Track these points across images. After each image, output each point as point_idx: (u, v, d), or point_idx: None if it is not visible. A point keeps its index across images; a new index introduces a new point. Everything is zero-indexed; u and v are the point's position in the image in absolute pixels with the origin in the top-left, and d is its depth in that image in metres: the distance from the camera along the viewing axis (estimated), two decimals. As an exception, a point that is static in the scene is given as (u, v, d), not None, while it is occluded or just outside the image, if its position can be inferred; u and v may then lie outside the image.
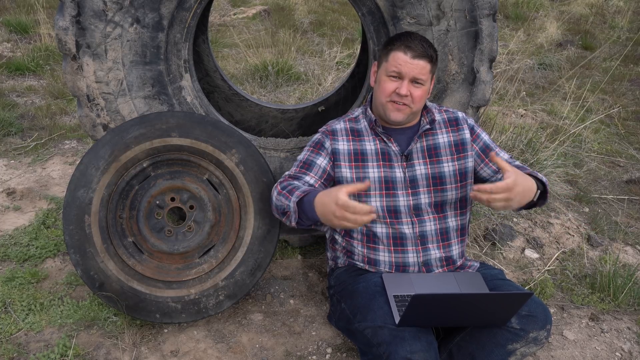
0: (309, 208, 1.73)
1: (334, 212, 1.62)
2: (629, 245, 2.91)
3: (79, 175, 2.04)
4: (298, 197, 1.78)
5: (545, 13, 7.45)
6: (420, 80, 1.85)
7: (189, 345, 2.09)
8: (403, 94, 1.84)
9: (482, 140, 2.01)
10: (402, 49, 1.84)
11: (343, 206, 1.60)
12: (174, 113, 2.12)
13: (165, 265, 2.14)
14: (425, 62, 1.84)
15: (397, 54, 1.85)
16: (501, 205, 1.68)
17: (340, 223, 1.63)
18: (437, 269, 1.96)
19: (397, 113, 1.89)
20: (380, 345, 1.66)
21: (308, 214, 1.75)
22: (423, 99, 1.89)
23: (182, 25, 2.20)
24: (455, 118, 2.01)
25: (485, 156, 2.00)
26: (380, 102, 1.91)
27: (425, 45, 1.85)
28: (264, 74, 4.82)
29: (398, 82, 1.86)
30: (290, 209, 1.79)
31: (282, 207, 1.85)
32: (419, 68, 1.83)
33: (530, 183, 1.77)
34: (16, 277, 2.36)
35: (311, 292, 2.42)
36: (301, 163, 1.97)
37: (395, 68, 1.85)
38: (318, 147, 1.99)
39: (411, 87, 1.85)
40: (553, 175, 3.30)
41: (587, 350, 2.21)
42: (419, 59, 1.83)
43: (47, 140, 3.66)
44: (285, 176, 1.95)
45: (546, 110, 4.50)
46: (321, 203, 1.68)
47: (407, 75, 1.84)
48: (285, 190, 1.85)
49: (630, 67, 5.97)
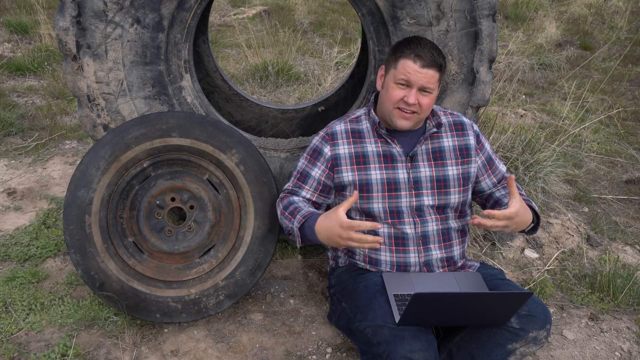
0: (310, 233, 1.79)
1: (339, 235, 1.68)
2: (629, 245, 2.91)
3: (80, 175, 2.04)
4: (300, 223, 1.84)
5: (544, 13, 7.46)
6: (428, 89, 1.84)
7: (189, 345, 2.09)
8: (411, 102, 1.83)
9: (486, 151, 2.05)
10: (412, 57, 1.82)
11: (349, 227, 1.66)
12: (174, 113, 2.12)
13: (166, 265, 2.14)
14: (435, 71, 1.83)
15: (406, 62, 1.83)
16: (498, 230, 1.77)
17: (346, 243, 1.69)
18: (438, 269, 1.96)
19: (403, 121, 1.88)
20: (380, 345, 1.66)
21: (310, 238, 1.81)
22: (430, 106, 1.89)
23: (183, 25, 2.20)
24: (461, 122, 2.02)
25: (489, 167, 2.04)
26: (387, 109, 1.91)
27: (435, 54, 1.83)
28: (264, 74, 4.83)
29: (406, 90, 1.84)
30: (294, 231, 1.85)
31: (287, 229, 1.92)
32: (428, 77, 1.82)
33: (528, 216, 1.83)
34: (17, 277, 2.36)
35: (311, 292, 2.42)
36: (298, 174, 2.02)
37: (404, 76, 1.83)
38: (315, 155, 1.99)
39: (419, 95, 1.84)
40: (552, 175, 3.31)
41: (587, 350, 2.22)
42: (428, 68, 1.81)
43: (47, 140, 3.67)
44: (284, 191, 2.02)
45: (546, 110, 4.51)
46: (324, 228, 1.73)
47: (415, 84, 1.83)
48: (287, 212, 1.92)
49: (630, 67, 5.98)
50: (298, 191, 1.99)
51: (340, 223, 1.66)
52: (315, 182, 1.98)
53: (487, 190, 2.07)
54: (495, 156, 2.08)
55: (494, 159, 2.06)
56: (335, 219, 1.68)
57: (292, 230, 1.86)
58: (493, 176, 2.05)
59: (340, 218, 1.67)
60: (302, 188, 1.99)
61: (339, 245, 1.71)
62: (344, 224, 1.66)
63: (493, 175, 2.05)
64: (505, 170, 2.09)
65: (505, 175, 2.07)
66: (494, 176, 2.05)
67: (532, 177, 3.18)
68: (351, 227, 1.66)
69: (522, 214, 1.77)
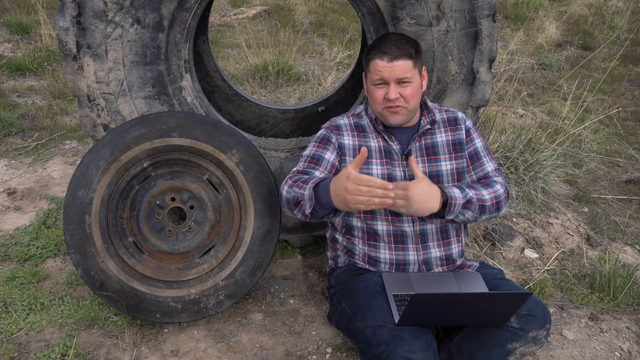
0: (324, 193, 1.71)
1: (346, 188, 1.61)
2: (628, 245, 2.91)
3: (80, 175, 2.05)
4: (314, 183, 1.77)
5: (544, 13, 7.46)
6: (405, 79, 1.85)
7: (189, 345, 2.10)
8: (392, 97, 1.84)
9: (474, 145, 2.00)
10: (379, 55, 1.85)
11: (355, 180, 1.60)
12: (174, 113, 2.12)
13: (166, 265, 2.14)
14: (405, 61, 1.84)
15: (375, 62, 1.86)
16: (401, 204, 1.68)
17: (354, 198, 1.61)
18: (437, 267, 1.96)
19: (394, 116, 1.90)
20: (379, 345, 1.66)
21: (322, 200, 1.73)
22: (416, 95, 1.89)
23: (183, 25, 2.21)
24: (455, 118, 2.02)
25: (471, 162, 2.00)
26: (376, 111, 1.93)
27: (401, 45, 1.84)
28: (264, 74, 4.83)
29: (385, 88, 1.87)
30: (305, 197, 1.77)
31: (295, 198, 1.82)
32: (399, 69, 1.83)
33: (433, 190, 1.73)
34: (17, 277, 2.36)
35: (311, 292, 2.43)
36: (309, 158, 1.95)
37: (377, 76, 1.86)
38: (324, 142, 1.98)
39: (399, 88, 1.85)
40: (552, 175, 3.31)
41: (587, 350, 2.22)
42: (396, 60, 1.83)
43: (47, 140, 3.67)
44: (294, 172, 1.93)
45: (546, 110, 4.51)
46: (336, 185, 1.67)
47: (390, 79, 1.84)
48: (299, 181, 1.83)
49: (630, 67, 5.98)
50: (311, 171, 1.92)
51: (348, 175, 1.61)
52: (330, 165, 1.94)
53: None
54: (487, 154, 2.01)
55: (482, 156, 2.00)
56: (344, 172, 1.63)
57: (303, 196, 1.77)
58: (473, 172, 1.99)
59: (349, 170, 1.62)
60: (316, 169, 1.92)
61: (348, 205, 1.63)
62: (351, 176, 1.61)
63: (474, 172, 1.99)
64: (495, 168, 2.00)
65: (490, 175, 1.98)
66: (475, 173, 1.99)
67: (532, 177, 3.18)
68: (359, 180, 1.60)
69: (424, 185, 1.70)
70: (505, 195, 1.93)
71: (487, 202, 1.85)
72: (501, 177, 1.99)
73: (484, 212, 1.86)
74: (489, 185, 1.92)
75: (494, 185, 1.92)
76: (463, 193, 1.80)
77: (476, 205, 1.83)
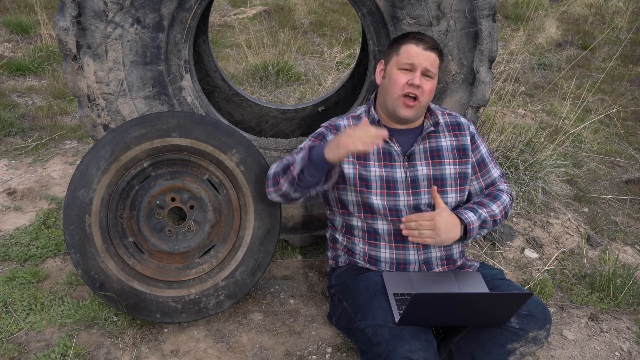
0: (319, 149, 1.73)
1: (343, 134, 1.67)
2: (629, 245, 2.91)
3: (80, 175, 2.05)
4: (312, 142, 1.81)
5: (544, 13, 7.46)
6: (430, 74, 1.87)
7: (189, 345, 2.10)
8: (417, 84, 1.84)
9: (480, 152, 2.04)
10: (414, 41, 1.87)
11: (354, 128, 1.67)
12: (174, 113, 2.12)
13: (166, 265, 2.14)
14: (436, 55, 1.89)
15: (409, 46, 1.87)
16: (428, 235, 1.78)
17: (347, 136, 1.65)
18: (437, 267, 1.96)
19: (407, 109, 1.89)
20: (380, 344, 1.66)
21: (316, 156, 1.74)
22: (431, 94, 1.91)
23: (183, 25, 2.21)
24: (458, 123, 2.02)
25: (479, 169, 2.04)
26: (392, 97, 1.90)
27: (435, 42, 1.91)
28: (264, 74, 4.83)
29: (410, 75, 1.87)
30: (296, 159, 1.79)
31: (285, 166, 1.84)
32: (430, 60, 1.86)
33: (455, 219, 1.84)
34: (17, 277, 2.36)
35: (311, 292, 2.43)
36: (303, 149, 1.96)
37: (408, 60, 1.86)
38: (321, 138, 1.99)
39: (422, 79, 1.87)
40: (552, 175, 3.31)
41: (587, 350, 2.22)
42: (430, 50, 1.87)
43: (47, 140, 3.67)
44: None
45: (545, 110, 4.51)
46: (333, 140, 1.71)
47: (419, 66, 1.86)
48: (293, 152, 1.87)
49: (630, 67, 5.98)
50: None
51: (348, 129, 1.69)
52: None
53: (472, 194, 2.07)
54: (492, 160, 2.06)
55: (488, 163, 2.04)
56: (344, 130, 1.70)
57: (294, 160, 1.79)
58: (482, 180, 2.04)
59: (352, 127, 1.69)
60: None
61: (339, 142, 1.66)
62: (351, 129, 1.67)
63: (482, 179, 2.04)
64: (500, 174, 2.06)
65: (496, 182, 2.04)
66: (483, 180, 2.04)
67: (532, 177, 3.18)
68: (357, 128, 1.66)
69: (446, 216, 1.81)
70: (510, 202, 2.03)
71: (497, 215, 1.95)
72: (506, 184, 2.07)
73: (495, 224, 1.96)
74: (496, 197, 2.00)
75: (500, 196, 2.00)
76: (477, 214, 1.90)
77: (490, 222, 1.93)
